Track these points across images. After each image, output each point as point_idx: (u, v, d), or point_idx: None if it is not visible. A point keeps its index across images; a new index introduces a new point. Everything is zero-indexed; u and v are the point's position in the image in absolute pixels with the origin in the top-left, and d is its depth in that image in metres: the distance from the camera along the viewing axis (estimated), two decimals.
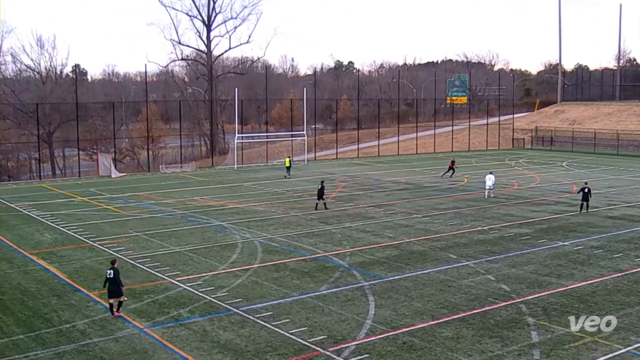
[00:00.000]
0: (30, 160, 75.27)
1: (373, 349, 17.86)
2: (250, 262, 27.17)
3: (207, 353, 17.62)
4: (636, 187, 50.06)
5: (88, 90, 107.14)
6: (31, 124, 71.10)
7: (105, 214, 38.73)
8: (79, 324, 19.87)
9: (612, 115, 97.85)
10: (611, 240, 31.16)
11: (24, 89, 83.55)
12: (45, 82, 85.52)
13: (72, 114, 67.11)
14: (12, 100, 75.31)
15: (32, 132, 71.84)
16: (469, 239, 31.61)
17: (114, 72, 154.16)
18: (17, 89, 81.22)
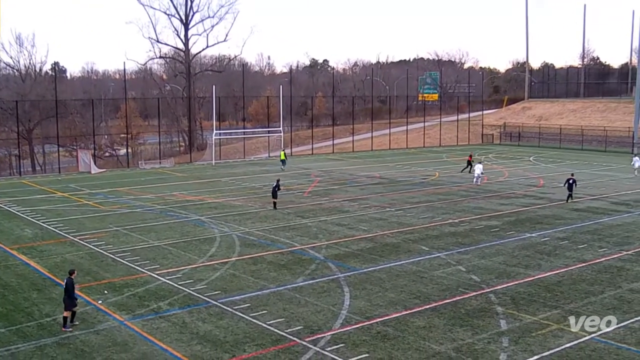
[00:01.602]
0: (10, 156, 74.12)
1: (348, 339, 17.92)
2: (228, 255, 27.09)
3: (187, 344, 17.56)
4: (600, 181, 50.74)
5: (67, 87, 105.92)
6: (11, 121, 70.26)
7: (85, 209, 38.35)
8: (60, 317, 19.64)
9: (576, 111, 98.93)
10: (576, 232, 31.54)
11: (4, 87, 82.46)
12: (24, 79, 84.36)
13: (52, 111, 66.30)
14: None
15: (11, 129, 70.92)
16: (440, 231, 31.81)
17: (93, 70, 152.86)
18: None
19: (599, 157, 70.66)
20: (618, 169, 58.84)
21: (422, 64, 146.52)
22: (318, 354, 16.96)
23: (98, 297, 21.49)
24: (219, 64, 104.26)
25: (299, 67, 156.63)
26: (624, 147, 78.09)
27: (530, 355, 16.87)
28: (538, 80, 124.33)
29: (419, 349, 17.28)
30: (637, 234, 31.07)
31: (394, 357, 16.71)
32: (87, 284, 23.06)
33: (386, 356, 16.79)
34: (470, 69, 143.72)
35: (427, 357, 16.73)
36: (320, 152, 78.77)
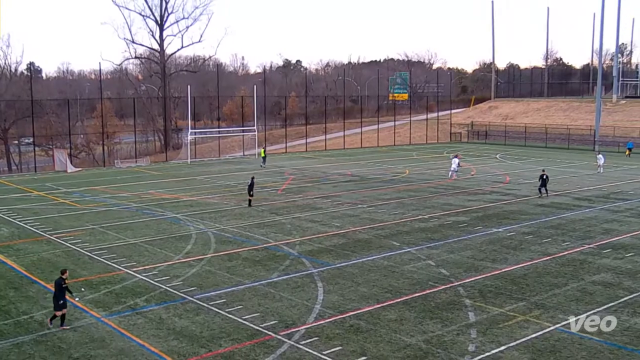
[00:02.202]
0: None
1: (322, 332, 17.95)
2: (204, 252, 26.96)
3: (164, 340, 17.45)
4: (563, 177, 51.40)
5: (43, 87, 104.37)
6: None
7: (62, 208, 37.86)
8: (37, 315, 19.43)
9: (540, 110, 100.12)
10: (541, 227, 31.92)
11: None
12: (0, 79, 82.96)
13: (28, 110, 65.29)
14: None
15: None
16: (410, 227, 31.98)
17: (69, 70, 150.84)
18: None
19: (562, 155, 71.60)
20: (580, 166, 59.65)
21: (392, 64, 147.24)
22: (293, 347, 16.96)
23: (75, 294, 21.21)
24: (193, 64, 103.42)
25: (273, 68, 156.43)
26: (586, 145, 79.31)
27: (497, 346, 17.05)
28: (504, 80, 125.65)
29: (391, 341, 17.37)
30: (598, 228, 31.56)
31: (366, 350, 16.78)
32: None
33: (359, 349, 16.85)
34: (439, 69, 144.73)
35: (398, 349, 16.83)
36: (294, 150, 78.72)
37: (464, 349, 16.84)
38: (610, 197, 41.14)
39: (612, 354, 16.59)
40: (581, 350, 16.80)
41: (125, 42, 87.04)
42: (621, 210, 36.60)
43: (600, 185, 46.76)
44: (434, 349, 16.87)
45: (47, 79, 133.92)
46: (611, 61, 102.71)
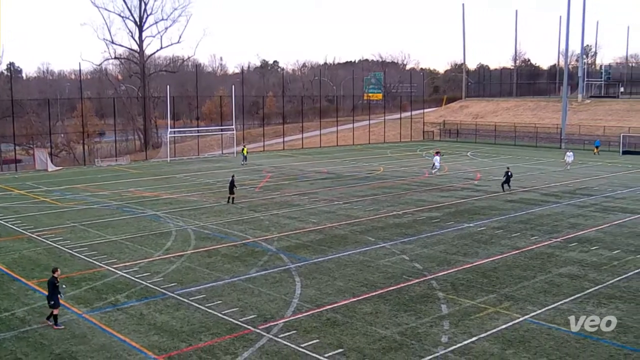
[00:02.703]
0: None
1: (300, 326, 17.95)
2: (184, 248, 26.81)
3: (144, 335, 17.33)
4: (531, 174, 51.97)
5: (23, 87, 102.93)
6: None
7: (43, 206, 37.38)
8: (18, 311, 19.18)
9: (510, 109, 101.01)
10: (510, 222, 32.23)
11: None
12: None
13: (8, 110, 64.24)
14: None
15: None
16: (385, 222, 32.10)
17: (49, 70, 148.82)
18: None
19: (530, 152, 72.36)
20: (548, 163, 60.35)
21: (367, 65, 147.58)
22: (271, 341, 16.95)
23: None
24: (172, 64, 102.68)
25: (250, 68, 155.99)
26: (553, 143, 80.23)
27: (469, 337, 17.20)
28: (474, 80, 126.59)
29: (367, 333, 17.44)
30: (564, 223, 31.95)
31: (343, 342, 16.82)
32: (45, 278, 22.42)
33: (335, 341, 16.89)
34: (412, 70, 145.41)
35: (374, 341, 16.90)
36: (272, 149, 78.58)
37: (437, 340, 16.96)
38: (576, 193, 41.68)
39: (579, 343, 16.83)
40: (549, 340, 17.01)
41: (105, 42, 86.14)
42: (586, 205, 37.09)
43: (567, 181, 47.36)
44: (408, 340, 16.97)
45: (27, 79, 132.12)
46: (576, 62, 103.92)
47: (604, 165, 58.35)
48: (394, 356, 16.02)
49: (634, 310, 19.32)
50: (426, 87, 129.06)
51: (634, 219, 33.17)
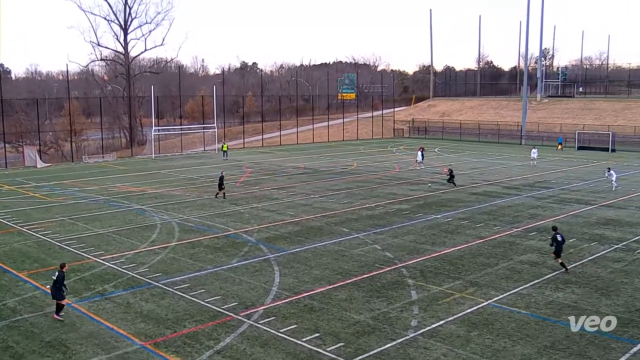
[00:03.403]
0: None
1: (279, 312, 17.97)
2: (168, 240, 26.65)
3: (131, 323, 17.21)
4: (494, 168, 52.50)
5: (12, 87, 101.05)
6: None
7: (32, 201, 36.85)
8: (9, 302, 18.93)
9: (474, 108, 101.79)
10: (474, 213, 32.56)
11: None
12: None
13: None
14: None
15: None
16: (358, 214, 32.21)
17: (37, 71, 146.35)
18: None
19: (493, 148, 73.07)
20: (509, 158, 61.01)
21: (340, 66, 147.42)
22: (252, 326, 16.94)
23: (46, 282, 20.73)
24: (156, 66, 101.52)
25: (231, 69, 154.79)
26: (514, 139, 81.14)
27: (437, 320, 17.36)
28: (441, 81, 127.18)
29: (342, 318, 17.50)
30: (524, 214, 32.36)
31: (319, 327, 16.87)
32: (35, 270, 22.25)
33: (312, 326, 16.93)
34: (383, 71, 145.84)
35: (348, 326, 16.97)
36: (251, 146, 78.32)
37: (408, 324, 17.09)
38: (535, 186, 42.20)
39: (538, 325, 17.08)
40: (511, 322, 17.24)
41: (91, 45, 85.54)
42: (545, 197, 37.60)
43: (527, 175, 47.93)
44: (381, 324, 17.07)
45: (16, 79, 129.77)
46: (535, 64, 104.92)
47: (561, 160, 59.16)
48: (367, 339, 16.11)
49: (588, 294, 19.67)
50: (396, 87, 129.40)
51: (588, 209, 33.70)
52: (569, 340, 16.15)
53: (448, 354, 15.32)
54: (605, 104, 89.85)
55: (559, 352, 15.47)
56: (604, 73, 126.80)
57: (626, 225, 29.72)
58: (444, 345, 15.81)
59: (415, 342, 15.99)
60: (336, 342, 15.95)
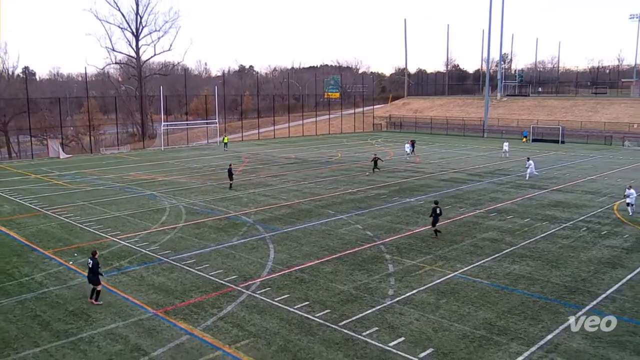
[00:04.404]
0: None
1: (273, 284, 18.01)
2: (176, 222, 26.56)
3: (145, 294, 17.20)
4: (459, 158, 52.69)
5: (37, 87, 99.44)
6: None
7: (56, 188, 36.54)
8: (37, 276, 18.83)
9: (443, 105, 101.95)
10: (443, 196, 32.68)
11: None
12: None
13: (24, 107, 62.34)
14: None
15: None
16: (342, 198, 32.26)
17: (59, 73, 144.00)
18: None
19: (459, 140, 73.29)
20: (473, 149, 61.23)
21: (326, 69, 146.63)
22: (250, 296, 16.98)
23: (69, 259, 20.66)
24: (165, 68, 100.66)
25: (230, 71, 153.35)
26: (477, 133, 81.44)
27: (410, 290, 17.49)
28: (414, 82, 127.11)
29: (328, 289, 17.59)
30: (486, 197, 32.56)
31: (309, 296, 16.94)
32: (60, 248, 22.12)
33: (303, 295, 17.00)
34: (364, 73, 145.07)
35: (334, 295, 17.06)
36: (248, 139, 78.00)
37: (385, 293, 17.21)
38: (495, 173, 42.43)
39: (497, 293, 17.27)
40: (474, 291, 17.40)
41: (107, 50, 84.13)
42: (503, 183, 37.84)
43: (488, 164, 48.16)
44: (362, 294, 17.17)
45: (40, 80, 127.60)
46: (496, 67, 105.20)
47: (518, 151, 59.46)
48: (350, 307, 16.20)
49: (541, 266, 19.90)
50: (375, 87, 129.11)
51: (540, 193, 33.99)
52: (523, 306, 16.35)
53: (420, 318, 15.46)
54: (556, 102, 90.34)
55: (516, 316, 15.66)
56: (555, 75, 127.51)
57: (573, 207, 30.02)
58: (416, 311, 15.95)
59: (392, 308, 16.11)
60: (323, 309, 16.04)
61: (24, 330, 14.90)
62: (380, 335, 14.46)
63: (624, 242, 22.92)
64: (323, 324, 15.07)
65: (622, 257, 20.89)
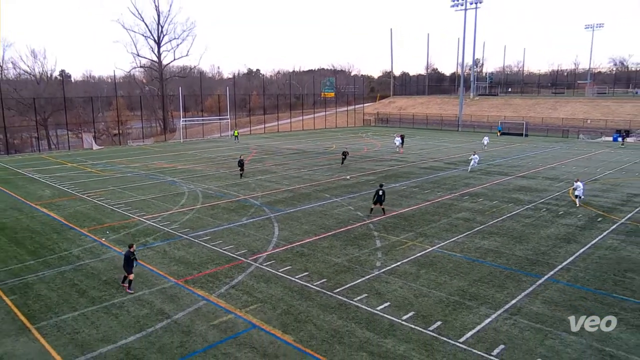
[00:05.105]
0: (31, 138, 68.91)
1: (277, 257, 18.07)
2: (194, 204, 26.54)
3: (167, 266, 17.24)
4: (437, 149, 52.60)
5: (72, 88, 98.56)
6: (30, 113, 65.18)
7: (90, 175, 36.43)
8: (74, 251, 18.83)
9: (423, 104, 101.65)
10: (423, 182, 32.70)
11: (24, 88, 75.87)
12: (39, 82, 78.11)
13: (61, 105, 61.98)
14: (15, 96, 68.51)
15: (31, 119, 65.89)
16: (337, 184, 32.23)
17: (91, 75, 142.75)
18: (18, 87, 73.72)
19: (437, 134, 73.17)
20: (449, 141, 61.11)
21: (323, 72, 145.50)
22: (257, 268, 17.04)
23: (102, 236, 20.67)
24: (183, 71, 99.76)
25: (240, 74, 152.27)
26: (453, 127, 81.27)
27: (395, 262, 17.56)
28: (399, 83, 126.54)
29: (324, 261, 17.65)
30: (460, 183, 32.57)
31: (308, 268, 17.01)
32: (93, 227, 22.12)
33: (303, 267, 17.07)
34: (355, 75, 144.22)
35: (329, 266, 17.13)
36: (256, 132, 77.71)
37: (374, 265, 17.28)
38: (468, 162, 42.36)
39: (469, 265, 17.35)
40: (449, 263, 17.49)
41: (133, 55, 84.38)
42: (475, 170, 37.82)
43: (462, 154, 48.10)
44: (354, 265, 17.24)
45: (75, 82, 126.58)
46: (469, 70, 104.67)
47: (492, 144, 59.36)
48: (343, 276, 16.28)
49: (506, 242, 19.98)
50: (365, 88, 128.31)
51: (507, 179, 34.04)
52: (491, 275, 16.45)
53: (403, 286, 15.55)
54: (521, 101, 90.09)
55: (485, 284, 15.77)
56: (520, 77, 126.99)
57: (535, 191, 30.09)
58: (400, 280, 16.04)
59: (379, 278, 16.20)
60: (320, 278, 16.11)
61: (63, 296, 14.95)
62: (369, 300, 14.55)
63: (577, 221, 23.03)
64: (320, 291, 15.15)
65: (576, 234, 21.00)
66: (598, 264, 17.51)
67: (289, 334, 12.76)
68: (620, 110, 75.38)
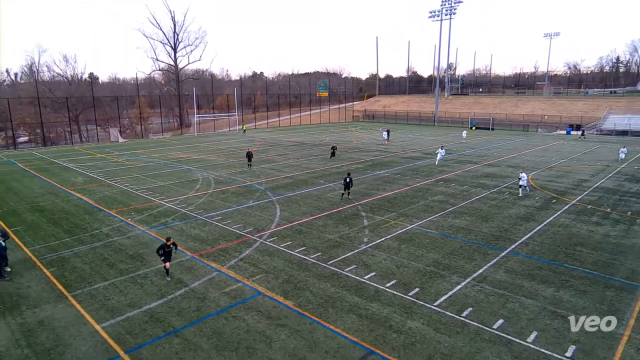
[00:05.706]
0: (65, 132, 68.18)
1: (279, 234, 18.11)
2: (207, 189, 26.48)
3: (185, 242, 17.25)
4: (416, 141, 52.52)
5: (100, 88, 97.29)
6: (64, 110, 64.45)
7: (116, 164, 36.21)
8: (104, 229, 18.81)
9: (405, 102, 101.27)
10: (404, 170, 32.72)
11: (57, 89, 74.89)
12: (71, 83, 77.07)
13: (90, 103, 61.34)
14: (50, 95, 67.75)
15: (64, 116, 65.17)
16: (330, 172, 32.19)
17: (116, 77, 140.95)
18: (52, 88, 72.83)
19: (416, 128, 73.02)
20: (427, 135, 61.01)
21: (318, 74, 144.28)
22: (262, 243, 17.09)
23: (127, 216, 20.62)
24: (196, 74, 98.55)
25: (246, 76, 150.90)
26: (430, 123, 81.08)
27: (380, 238, 17.65)
28: (383, 84, 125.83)
29: (319, 237, 17.72)
30: (436, 170, 32.58)
31: (305, 243, 17.08)
32: (120, 209, 22.06)
33: (301, 242, 17.13)
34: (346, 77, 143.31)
35: (324, 242, 17.20)
36: (260, 127, 77.29)
37: (362, 240, 17.38)
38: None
39: (443, 240, 17.48)
40: (426, 239, 17.61)
41: (152, 60, 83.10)
42: (449, 159, 37.87)
43: (437, 146, 48.08)
44: (344, 241, 17.33)
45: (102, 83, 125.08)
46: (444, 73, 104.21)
47: (460, 136, 59.41)
48: (336, 250, 16.37)
49: (475, 220, 20.11)
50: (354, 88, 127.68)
51: (476, 167, 34.12)
52: (462, 249, 16.59)
53: (387, 258, 15.67)
54: (489, 100, 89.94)
55: (456, 256, 15.91)
56: (487, 79, 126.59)
57: (499, 177, 30.20)
58: (384, 253, 16.16)
59: (366, 251, 16.31)
60: (316, 252, 16.20)
61: (95, 269, 14.98)
62: (357, 271, 14.67)
63: (535, 203, 23.19)
64: (316, 263, 15.25)
65: (534, 214, 21.17)
66: (552, 239, 17.69)
67: (290, 300, 12.87)
68: (573, 107, 75.52)
